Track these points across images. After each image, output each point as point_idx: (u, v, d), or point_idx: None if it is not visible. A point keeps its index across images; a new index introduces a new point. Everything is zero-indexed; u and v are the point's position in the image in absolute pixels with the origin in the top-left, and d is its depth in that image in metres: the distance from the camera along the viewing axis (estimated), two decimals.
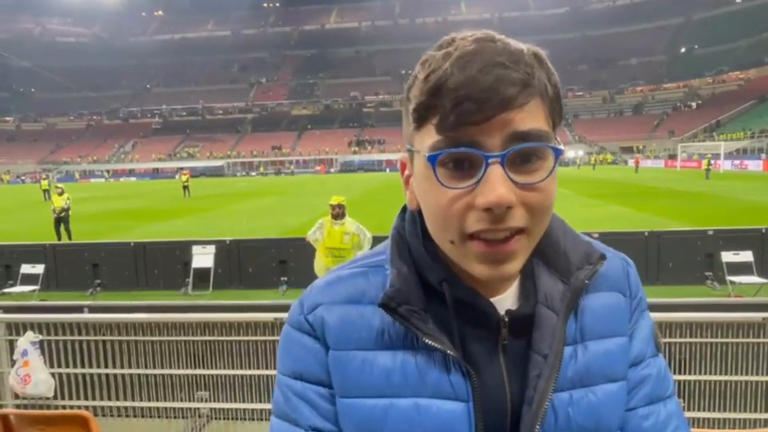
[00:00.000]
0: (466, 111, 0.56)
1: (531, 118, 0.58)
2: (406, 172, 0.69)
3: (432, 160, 0.59)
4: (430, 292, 0.66)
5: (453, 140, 0.57)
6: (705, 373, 3.01)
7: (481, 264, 0.60)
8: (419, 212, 0.68)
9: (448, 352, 0.63)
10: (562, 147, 0.60)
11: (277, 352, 0.73)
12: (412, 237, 0.70)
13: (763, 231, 8.07)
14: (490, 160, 0.57)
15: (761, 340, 2.96)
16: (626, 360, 0.70)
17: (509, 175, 0.57)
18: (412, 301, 0.65)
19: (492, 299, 0.66)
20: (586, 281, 0.67)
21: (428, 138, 0.59)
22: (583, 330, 0.68)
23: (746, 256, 7.34)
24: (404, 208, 0.74)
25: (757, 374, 2.96)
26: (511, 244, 0.59)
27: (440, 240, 0.63)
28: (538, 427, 0.62)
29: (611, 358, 0.68)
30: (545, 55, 0.62)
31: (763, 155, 41.44)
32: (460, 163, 0.58)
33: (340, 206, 6.11)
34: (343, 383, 0.66)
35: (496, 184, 0.56)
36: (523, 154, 0.58)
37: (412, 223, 0.71)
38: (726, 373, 3.00)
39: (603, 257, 0.69)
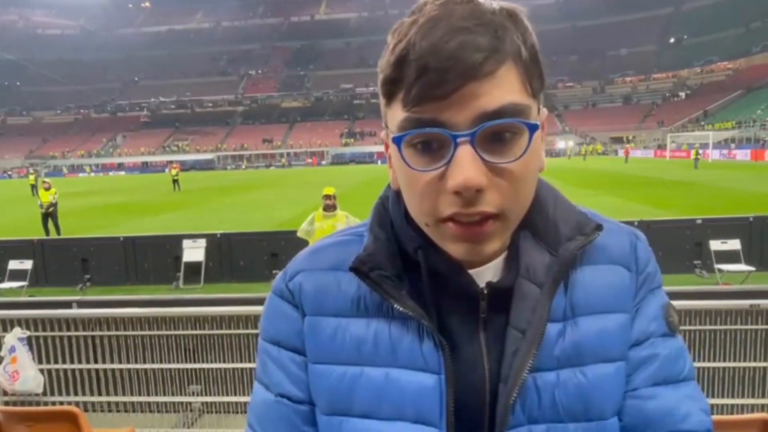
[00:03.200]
0: (428, 83, 0.52)
1: (502, 89, 0.53)
2: (389, 150, 0.65)
3: (397, 142, 0.56)
4: (409, 262, 0.64)
5: (418, 118, 0.54)
6: (694, 360, 3.04)
7: (457, 244, 0.57)
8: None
9: (421, 321, 0.60)
10: (537, 122, 0.56)
11: (261, 317, 0.72)
12: (394, 207, 0.68)
13: (751, 219, 8.17)
14: (458, 140, 0.53)
15: (749, 326, 3.00)
16: (626, 339, 0.64)
17: (480, 154, 0.53)
18: (384, 266, 0.63)
19: (473, 270, 0.62)
20: (576, 252, 0.62)
21: (396, 115, 0.56)
22: (574, 305, 0.63)
23: (734, 244, 7.42)
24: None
25: (745, 360, 3.01)
26: (485, 227, 0.56)
27: (418, 220, 0.61)
28: (512, 404, 0.58)
29: (606, 336, 0.62)
30: (523, 13, 0.57)
31: (732, 145, 41.87)
32: (428, 143, 0.55)
33: (332, 197, 6.10)
34: (315, 349, 0.65)
35: (465, 166, 0.52)
36: (495, 131, 0.53)
37: (395, 195, 0.68)
38: (714, 360, 3.04)
39: (599, 227, 0.64)
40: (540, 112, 0.59)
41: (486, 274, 0.63)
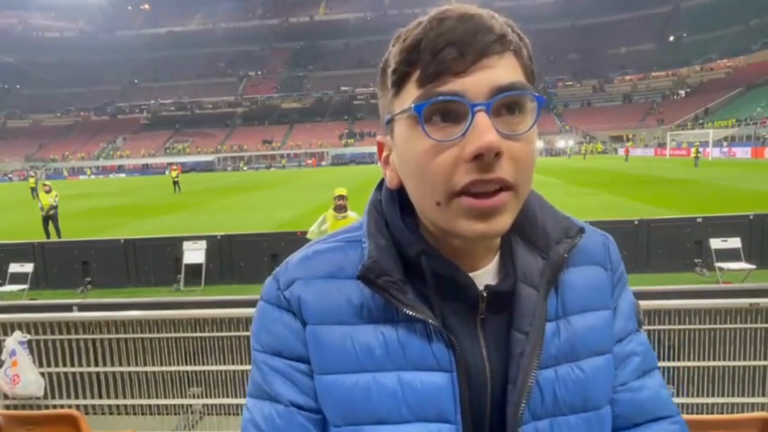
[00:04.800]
0: (448, 57, 0.56)
1: (512, 68, 0.58)
2: (384, 153, 0.68)
3: (418, 110, 0.57)
4: (408, 266, 0.65)
5: (436, 91, 0.57)
6: (694, 359, 3.05)
7: (470, 220, 0.58)
8: (398, 190, 0.67)
9: (430, 321, 0.62)
10: (544, 97, 0.59)
11: (252, 328, 0.70)
12: (389, 211, 0.69)
13: (751, 218, 8.15)
14: (476, 109, 0.56)
15: (748, 325, 3.00)
16: (611, 333, 0.70)
17: (495, 126, 0.56)
18: (390, 272, 0.63)
19: (470, 274, 0.65)
20: (566, 255, 0.67)
21: (409, 96, 0.59)
22: (565, 305, 0.67)
23: (734, 242, 7.41)
24: (380, 184, 0.73)
25: (744, 359, 3.00)
26: (499, 198, 0.58)
27: (425, 204, 0.62)
28: (524, 405, 0.61)
29: (596, 331, 0.68)
30: (516, 26, 0.62)
31: (725, 143, 41.81)
32: (446, 115, 0.57)
33: (344, 198, 6.07)
34: (321, 360, 0.64)
35: (485, 131, 0.55)
36: (508, 105, 0.57)
37: (389, 197, 0.69)
38: (715, 359, 3.04)
39: (582, 230, 0.69)
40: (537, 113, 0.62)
41: (483, 278, 0.66)
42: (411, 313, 0.62)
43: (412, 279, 0.65)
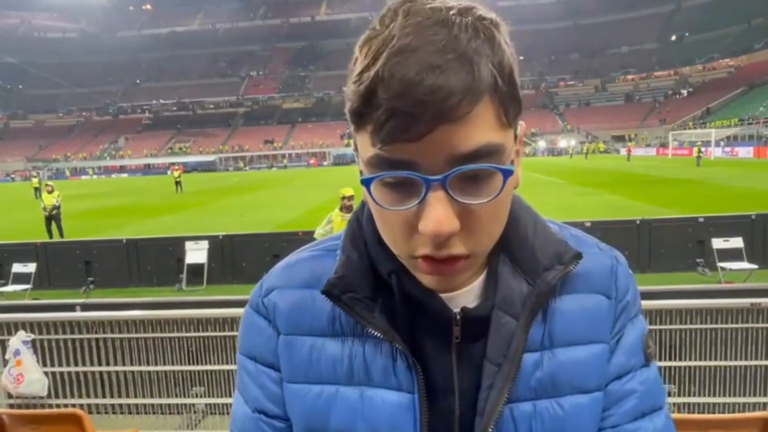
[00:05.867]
0: (399, 127, 0.49)
1: (477, 128, 0.50)
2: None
3: (366, 184, 0.54)
4: (381, 282, 0.63)
5: (389, 158, 0.51)
6: (695, 359, 3.05)
7: (429, 275, 0.57)
8: None
9: (392, 342, 0.60)
10: (511, 167, 0.54)
11: (239, 330, 0.72)
12: (368, 225, 0.66)
13: (753, 217, 8.14)
14: (430, 184, 0.51)
15: (750, 325, 3.00)
16: (603, 370, 0.64)
17: (453, 195, 0.52)
18: (356, 289, 0.62)
19: (448, 294, 0.62)
20: (553, 283, 0.61)
21: (365, 148, 0.53)
22: (552, 335, 0.62)
23: (736, 242, 7.39)
24: None
25: (745, 359, 3.01)
26: (456, 266, 0.56)
27: (390, 246, 0.60)
28: None
29: (583, 367, 0.62)
30: (502, 27, 0.54)
31: (722, 143, 41.71)
32: (399, 181, 0.53)
33: (351, 198, 6.08)
34: (290, 368, 0.65)
35: (436, 211, 0.51)
36: (468, 174, 0.52)
37: (370, 212, 0.66)
38: (715, 359, 3.04)
39: (578, 257, 0.62)
40: (517, 133, 0.58)
41: (462, 299, 0.62)
42: (373, 332, 0.61)
43: (384, 295, 0.63)
